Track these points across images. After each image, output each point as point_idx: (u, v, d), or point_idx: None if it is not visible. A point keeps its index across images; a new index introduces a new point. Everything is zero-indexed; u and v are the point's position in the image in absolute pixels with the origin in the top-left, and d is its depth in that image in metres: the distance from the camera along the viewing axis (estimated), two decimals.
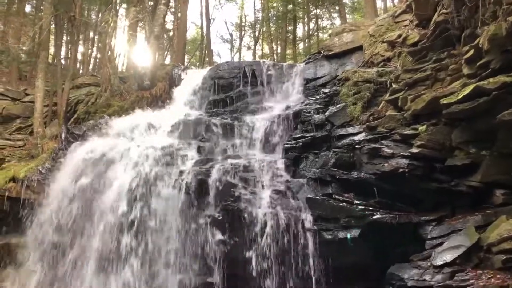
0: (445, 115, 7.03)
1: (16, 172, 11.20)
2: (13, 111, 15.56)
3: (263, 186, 9.33)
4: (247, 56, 34.79)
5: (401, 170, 7.54)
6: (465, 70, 7.05)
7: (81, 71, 23.32)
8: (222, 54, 75.29)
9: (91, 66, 25.83)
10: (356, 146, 8.57)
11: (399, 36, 10.64)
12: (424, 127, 7.59)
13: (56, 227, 9.62)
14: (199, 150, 10.84)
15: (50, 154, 11.58)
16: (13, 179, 11.04)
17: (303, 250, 8.40)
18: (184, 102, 13.97)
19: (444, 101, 6.97)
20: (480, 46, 6.62)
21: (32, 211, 10.25)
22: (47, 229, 9.68)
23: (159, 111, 13.58)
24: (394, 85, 8.91)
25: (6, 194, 10.79)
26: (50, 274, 9.41)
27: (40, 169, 11.04)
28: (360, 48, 12.45)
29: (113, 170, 10.05)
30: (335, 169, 8.61)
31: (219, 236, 8.92)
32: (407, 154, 7.58)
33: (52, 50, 20.93)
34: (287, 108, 11.68)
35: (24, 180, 10.83)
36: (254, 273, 8.39)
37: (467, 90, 6.58)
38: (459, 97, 6.70)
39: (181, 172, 9.85)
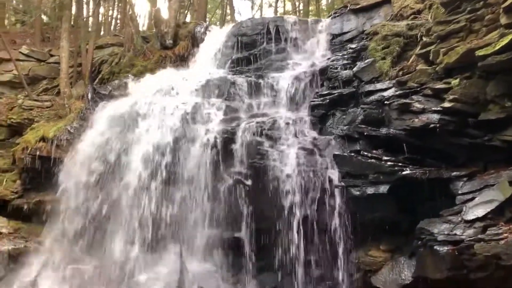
0: (480, 67, 6.77)
1: (46, 132, 11.44)
2: (39, 72, 15.76)
3: (289, 143, 9.31)
4: (269, 14, 33.98)
5: (432, 125, 7.37)
6: (503, 20, 6.71)
7: (102, 31, 23.24)
8: (242, 12, 73.80)
9: (112, 27, 25.70)
10: (385, 102, 8.38)
11: None
12: (457, 80, 7.34)
13: (86, 184, 9.90)
14: (224, 109, 10.79)
15: (78, 114, 11.75)
16: (43, 139, 11.29)
17: (330, 206, 8.45)
18: (207, 61, 13.82)
19: (479, 53, 6.69)
20: None
21: (62, 169, 10.52)
22: (78, 186, 9.97)
23: (182, 70, 13.51)
24: (425, 39, 8.58)
25: (37, 153, 11.08)
26: (81, 229, 9.77)
27: (69, 129, 11.25)
28: (388, 1, 12.00)
29: (139, 128, 10.18)
30: (363, 126, 8.47)
31: (246, 193, 9.01)
32: (438, 109, 7.38)
33: (74, 10, 20.84)
34: (313, 64, 11.45)
35: (54, 139, 11.09)
36: (281, 228, 8.52)
37: (505, 41, 6.28)
38: (496, 48, 6.41)
39: (207, 131, 9.90)
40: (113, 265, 9.16)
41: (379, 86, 9.03)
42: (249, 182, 9.01)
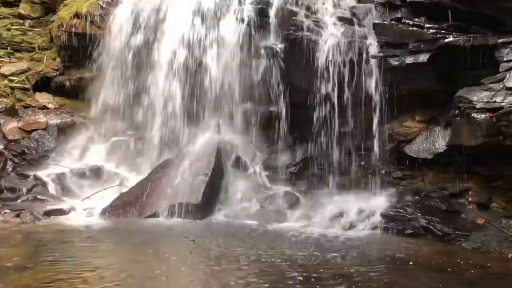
0: None
1: (79, 7, 11.29)
2: None
3: (326, 13, 8.91)
4: None
5: None
6: None
7: None
8: None
9: None
10: None
11: None
12: None
13: (123, 59, 10.05)
14: None
15: None
16: (77, 15, 11.20)
17: (367, 78, 8.31)
18: None
19: None
20: None
21: (98, 46, 10.61)
22: (116, 61, 10.14)
23: None
24: None
25: (73, 30, 11.06)
26: (123, 103, 10.15)
27: (101, 4, 11.03)
28: None
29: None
30: None
31: (280, 66, 8.94)
32: None
33: None
34: None
35: (87, 15, 10.96)
36: (315, 101, 8.54)
37: None
38: None
39: (240, 2, 9.54)
40: (155, 136, 9.63)
41: None
42: (283, 55, 8.85)
